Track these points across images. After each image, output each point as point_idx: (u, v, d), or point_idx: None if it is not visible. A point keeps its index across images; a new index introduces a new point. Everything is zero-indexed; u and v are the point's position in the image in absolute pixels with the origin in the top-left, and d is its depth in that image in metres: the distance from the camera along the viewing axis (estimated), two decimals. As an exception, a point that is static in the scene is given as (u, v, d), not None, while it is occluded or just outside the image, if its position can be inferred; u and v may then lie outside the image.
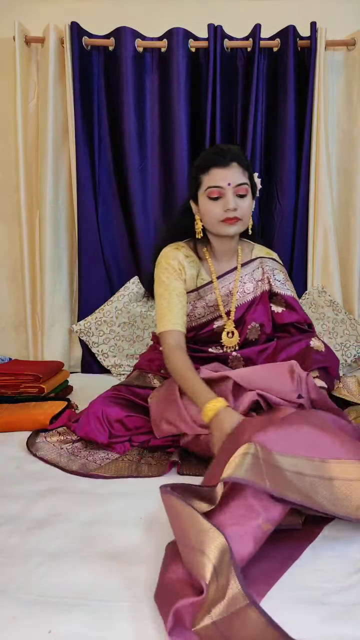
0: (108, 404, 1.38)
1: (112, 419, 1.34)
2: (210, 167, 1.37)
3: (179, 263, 1.45)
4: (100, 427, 1.32)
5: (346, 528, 0.92)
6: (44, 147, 2.17)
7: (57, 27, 2.15)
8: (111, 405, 1.37)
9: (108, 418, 1.34)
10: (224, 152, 1.38)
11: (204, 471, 1.16)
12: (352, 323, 2.16)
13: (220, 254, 1.50)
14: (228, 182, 1.35)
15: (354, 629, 0.68)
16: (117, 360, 2.16)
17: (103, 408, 1.36)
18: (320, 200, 2.18)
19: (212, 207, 1.37)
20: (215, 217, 1.38)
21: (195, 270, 1.48)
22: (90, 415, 1.34)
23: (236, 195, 1.36)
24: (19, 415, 1.51)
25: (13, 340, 2.40)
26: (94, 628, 0.68)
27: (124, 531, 0.92)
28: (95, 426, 1.32)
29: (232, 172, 1.36)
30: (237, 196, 1.37)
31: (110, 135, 2.24)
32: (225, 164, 1.36)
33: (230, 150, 1.40)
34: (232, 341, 1.48)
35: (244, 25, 2.16)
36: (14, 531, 0.93)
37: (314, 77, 2.13)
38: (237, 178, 1.36)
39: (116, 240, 2.31)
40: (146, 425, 1.36)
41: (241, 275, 1.50)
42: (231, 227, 1.39)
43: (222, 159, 1.36)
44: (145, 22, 2.20)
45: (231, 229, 1.39)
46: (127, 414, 1.37)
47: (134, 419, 1.37)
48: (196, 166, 1.44)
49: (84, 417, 1.35)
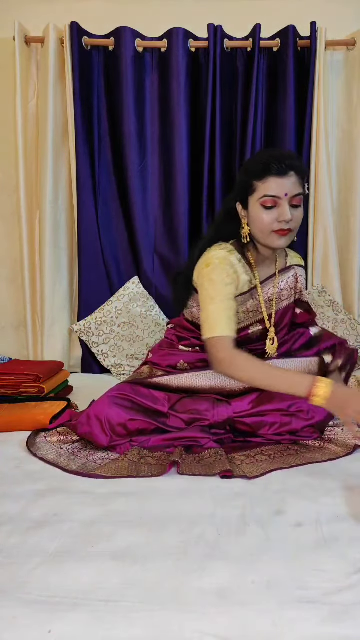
0: (111, 406, 1.34)
1: (115, 423, 1.31)
2: (267, 175, 1.31)
3: (232, 267, 1.40)
4: (100, 429, 1.31)
5: (346, 528, 0.92)
6: (44, 147, 2.17)
7: (57, 27, 2.15)
8: (114, 408, 1.33)
9: (110, 422, 1.31)
10: (283, 159, 1.31)
11: (204, 471, 1.17)
12: (352, 323, 2.16)
13: (262, 260, 1.48)
14: (285, 193, 1.30)
15: (354, 629, 0.68)
16: (117, 360, 2.16)
17: (106, 411, 1.33)
18: (320, 200, 2.18)
19: (265, 216, 1.33)
20: (268, 226, 1.34)
21: (247, 275, 1.44)
22: (92, 416, 1.33)
23: (291, 205, 1.32)
24: (19, 415, 1.51)
25: (13, 340, 2.40)
26: (94, 628, 0.68)
27: (124, 531, 0.92)
28: (96, 427, 1.31)
29: (290, 182, 1.31)
30: (292, 206, 1.32)
31: (110, 135, 2.24)
32: (284, 173, 1.30)
33: (289, 157, 1.33)
34: (274, 348, 1.47)
35: (244, 25, 2.16)
36: (14, 531, 0.93)
37: (314, 77, 2.13)
38: (295, 189, 1.32)
39: (116, 240, 2.31)
40: (148, 428, 1.35)
41: (279, 281, 1.49)
42: (282, 238, 1.35)
43: (281, 167, 1.30)
44: (145, 22, 2.20)
45: (282, 240, 1.35)
46: (130, 418, 1.33)
47: (137, 422, 1.34)
48: (250, 170, 1.36)
49: (84, 417, 1.34)
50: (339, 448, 1.31)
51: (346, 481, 1.12)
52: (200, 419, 1.36)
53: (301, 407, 1.37)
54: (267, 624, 0.68)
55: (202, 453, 1.28)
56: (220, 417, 1.36)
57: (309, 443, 1.35)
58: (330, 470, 1.18)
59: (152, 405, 1.37)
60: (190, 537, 0.90)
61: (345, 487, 1.09)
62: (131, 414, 1.34)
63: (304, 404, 1.35)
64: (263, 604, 0.72)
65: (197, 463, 1.23)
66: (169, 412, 1.38)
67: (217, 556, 0.84)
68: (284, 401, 1.36)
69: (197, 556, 0.84)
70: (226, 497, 1.05)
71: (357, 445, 1.31)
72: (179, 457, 1.23)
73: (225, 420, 1.37)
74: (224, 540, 0.89)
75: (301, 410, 1.37)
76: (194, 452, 1.29)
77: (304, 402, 1.29)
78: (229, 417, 1.36)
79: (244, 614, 0.70)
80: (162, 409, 1.37)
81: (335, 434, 1.39)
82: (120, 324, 2.17)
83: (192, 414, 1.37)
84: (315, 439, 1.36)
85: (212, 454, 1.27)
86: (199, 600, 0.73)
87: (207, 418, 1.36)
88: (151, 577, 0.79)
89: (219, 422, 1.36)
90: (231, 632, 0.68)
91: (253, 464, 1.21)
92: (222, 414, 1.37)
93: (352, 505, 1.01)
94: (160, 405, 1.38)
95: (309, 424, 1.37)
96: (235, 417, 1.37)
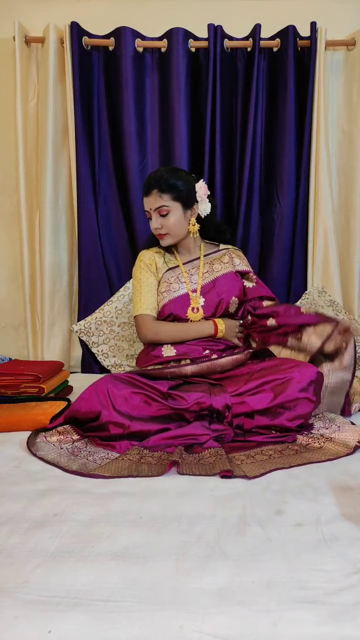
0: (111, 381, 1.42)
1: (116, 394, 1.38)
2: (143, 195, 1.69)
3: (149, 259, 1.75)
4: (97, 400, 1.37)
5: (346, 528, 0.92)
6: (44, 147, 2.17)
7: (57, 27, 2.15)
8: (115, 382, 1.42)
9: (110, 393, 1.38)
10: (148, 181, 1.66)
11: (204, 471, 1.17)
12: (352, 323, 2.16)
13: (183, 251, 1.78)
14: (150, 208, 1.67)
15: (354, 629, 0.68)
16: (117, 360, 2.16)
17: (106, 385, 1.40)
18: (320, 201, 2.18)
19: (150, 224, 1.71)
20: (154, 232, 1.72)
21: (162, 258, 1.76)
22: (90, 390, 1.40)
23: (160, 215, 1.65)
24: (19, 415, 1.51)
25: (13, 340, 2.40)
26: (94, 628, 0.68)
27: (124, 531, 0.92)
28: (92, 398, 1.37)
29: (152, 199, 1.65)
30: (161, 216, 1.65)
31: (110, 135, 2.24)
32: (147, 193, 1.66)
33: (154, 177, 1.65)
34: (197, 316, 1.67)
35: (244, 25, 2.16)
36: (14, 531, 0.93)
37: (314, 77, 2.13)
38: (156, 203, 1.64)
39: (116, 240, 2.31)
40: (147, 409, 1.40)
41: (205, 261, 1.75)
42: (163, 240, 1.71)
43: (146, 188, 1.66)
44: (145, 22, 2.21)
45: (163, 241, 1.71)
46: (132, 391, 1.42)
47: (139, 396, 1.41)
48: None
49: (82, 394, 1.41)
50: (339, 448, 1.31)
51: (346, 481, 1.12)
52: (200, 402, 1.42)
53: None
54: (267, 624, 0.68)
55: (202, 453, 1.28)
56: (218, 404, 1.41)
57: (309, 443, 1.35)
58: (330, 470, 1.18)
59: (152, 384, 1.45)
60: (190, 537, 0.90)
61: (345, 487, 1.09)
62: (132, 388, 1.42)
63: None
64: (263, 604, 0.72)
65: (197, 463, 1.23)
66: (168, 392, 1.45)
67: (217, 556, 0.84)
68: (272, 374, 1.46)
69: (197, 556, 0.84)
70: (226, 497, 1.05)
71: (358, 445, 1.31)
72: (179, 457, 1.23)
73: (223, 406, 1.42)
74: (224, 540, 0.89)
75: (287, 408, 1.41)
76: (194, 451, 1.30)
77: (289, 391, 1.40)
78: (226, 403, 1.42)
79: (244, 614, 0.70)
80: (161, 388, 1.45)
81: (335, 434, 1.39)
82: (120, 324, 2.17)
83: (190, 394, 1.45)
84: (314, 438, 1.36)
85: (212, 453, 1.27)
86: (199, 600, 0.73)
87: (205, 402, 1.42)
88: (151, 577, 0.78)
89: (217, 408, 1.41)
90: (231, 632, 0.67)
91: (253, 464, 1.22)
92: (219, 401, 1.42)
93: (352, 506, 1.01)
94: (159, 385, 1.46)
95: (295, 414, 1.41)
96: (232, 402, 1.43)
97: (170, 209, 1.64)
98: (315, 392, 1.41)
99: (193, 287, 1.70)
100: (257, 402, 1.41)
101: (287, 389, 1.40)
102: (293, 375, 1.41)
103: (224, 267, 1.75)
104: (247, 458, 1.26)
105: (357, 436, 1.36)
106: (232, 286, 1.72)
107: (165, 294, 1.69)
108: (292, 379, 1.41)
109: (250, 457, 1.26)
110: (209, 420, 1.41)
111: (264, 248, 2.30)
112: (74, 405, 1.40)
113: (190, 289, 1.69)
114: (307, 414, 1.41)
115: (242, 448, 1.32)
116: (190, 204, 1.68)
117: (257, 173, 2.23)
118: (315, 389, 1.42)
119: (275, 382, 1.43)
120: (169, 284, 1.70)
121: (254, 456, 1.27)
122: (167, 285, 1.70)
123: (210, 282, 1.71)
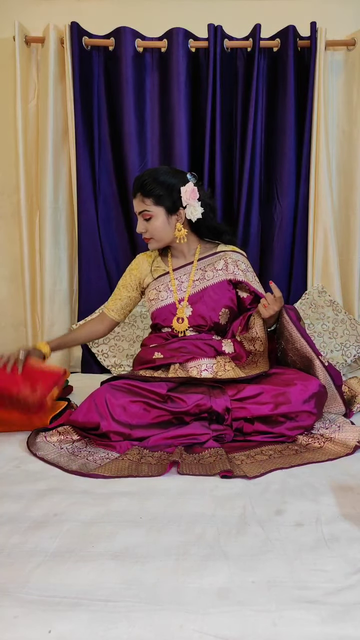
0: (109, 391, 1.40)
1: (114, 404, 1.36)
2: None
3: (136, 263, 1.76)
4: (95, 411, 1.35)
5: (346, 528, 0.92)
6: (44, 147, 2.17)
7: (57, 27, 2.15)
8: (113, 392, 1.40)
9: (108, 403, 1.36)
10: (134, 184, 1.62)
11: (204, 471, 1.17)
12: (352, 323, 2.16)
13: (176, 254, 1.72)
14: (136, 211, 1.63)
15: (354, 629, 0.68)
16: (117, 360, 2.16)
17: (104, 394, 1.38)
18: (320, 201, 2.18)
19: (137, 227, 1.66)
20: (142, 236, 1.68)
21: (154, 264, 1.73)
22: (88, 401, 1.38)
23: (144, 219, 1.61)
24: (19, 415, 1.51)
25: (13, 340, 2.40)
26: (94, 628, 0.68)
27: (124, 531, 0.92)
28: (90, 410, 1.35)
29: (137, 202, 1.62)
30: (145, 220, 1.61)
31: (110, 136, 2.24)
32: (134, 196, 1.63)
33: (137, 180, 1.61)
34: (182, 327, 1.63)
35: (244, 25, 2.16)
36: (14, 531, 0.92)
37: (314, 77, 2.13)
38: (140, 207, 1.61)
39: (116, 240, 2.31)
40: (146, 416, 1.38)
41: (198, 267, 1.67)
42: (148, 244, 1.67)
43: (133, 191, 1.63)
44: (145, 22, 2.21)
45: (149, 245, 1.67)
46: (131, 400, 1.39)
47: (137, 404, 1.39)
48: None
49: (81, 404, 1.39)
50: (339, 448, 1.31)
51: (346, 481, 1.12)
52: (200, 404, 1.40)
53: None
54: (267, 624, 0.68)
55: (202, 453, 1.28)
56: (218, 407, 1.40)
57: (309, 443, 1.35)
58: (330, 470, 1.18)
59: (150, 387, 1.42)
60: (190, 537, 0.90)
61: (345, 487, 1.09)
62: (131, 396, 1.40)
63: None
64: (263, 604, 0.72)
65: (197, 463, 1.22)
66: (167, 394, 1.42)
67: (217, 556, 0.84)
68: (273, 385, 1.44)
69: (197, 556, 0.84)
70: (226, 497, 1.05)
71: (358, 445, 1.31)
72: (179, 457, 1.23)
73: (224, 409, 1.40)
74: (224, 540, 0.89)
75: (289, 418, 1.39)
76: (194, 451, 1.29)
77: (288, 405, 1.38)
78: (226, 406, 1.40)
79: (244, 614, 0.70)
80: (160, 390, 1.42)
81: (335, 434, 1.39)
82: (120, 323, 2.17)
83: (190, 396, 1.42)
84: (314, 438, 1.36)
85: (212, 453, 1.27)
86: (199, 600, 0.73)
87: (205, 404, 1.40)
88: (151, 577, 0.78)
89: (217, 411, 1.39)
90: (231, 632, 0.67)
91: (253, 464, 1.22)
92: (220, 404, 1.40)
93: (352, 506, 1.01)
94: (158, 387, 1.43)
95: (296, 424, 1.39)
96: (232, 406, 1.40)
97: (152, 213, 1.59)
98: (316, 405, 1.39)
99: (181, 296, 1.64)
100: (258, 410, 1.39)
101: (289, 400, 1.37)
102: (296, 387, 1.39)
103: (216, 275, 1.65)
104: (247, 458, 1.26)
105: (357, 436, 1.35)
106: (222, 296, 1.63)
107: (153, 302, 1.66)
108: (295, 390, 1.39)
109: (250, 457, 1.26)
110: (209, 421, 1.41)
111: (264, 248, 2.30)
112: (73, 416, 1.38)
113: (177, 298, 1.64)
114: (307, 426, 1.39)
115: (242, 448, 1.32)
116: (174, 209, 1.60)
117: (257, 173, 2.23)
118: (317, 402, 1.40)
119: (277, 391, 1.40)
120: (158, 291, 1.66)
121: (254, 456, 1.27)
122: (155, 293, 1.66)
123: (200, 291, 1.64)
